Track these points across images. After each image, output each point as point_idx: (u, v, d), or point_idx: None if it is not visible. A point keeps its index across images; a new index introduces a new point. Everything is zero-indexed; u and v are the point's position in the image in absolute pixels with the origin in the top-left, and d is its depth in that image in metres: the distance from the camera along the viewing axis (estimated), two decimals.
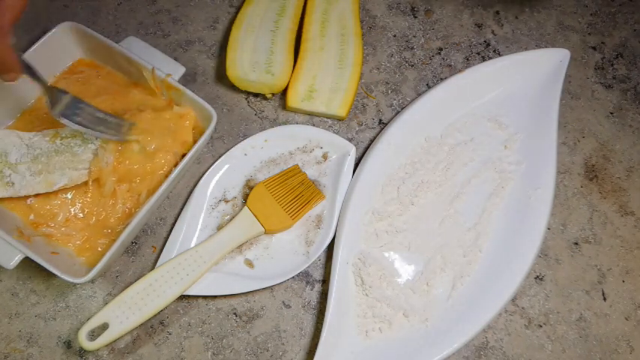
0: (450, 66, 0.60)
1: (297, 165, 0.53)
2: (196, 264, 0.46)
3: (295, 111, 0.56)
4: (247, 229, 0.48)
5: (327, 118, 0.56)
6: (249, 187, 0.52)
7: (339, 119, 0.56)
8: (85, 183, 0.48)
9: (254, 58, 0.55)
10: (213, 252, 0.47)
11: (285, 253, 0.50)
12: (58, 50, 0.52)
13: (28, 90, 0.51)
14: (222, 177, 0.52)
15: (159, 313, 0.45)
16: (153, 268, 0.48)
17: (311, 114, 0.56)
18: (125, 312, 0.43)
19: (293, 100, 0.54)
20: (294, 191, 0.51)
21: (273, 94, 0.57)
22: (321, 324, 0.46)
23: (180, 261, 0.46)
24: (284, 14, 0.58)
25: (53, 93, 0.45)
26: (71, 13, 0.60)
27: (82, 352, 0.46)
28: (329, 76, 0.55)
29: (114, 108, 0.51)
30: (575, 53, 0.62)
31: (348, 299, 0.47)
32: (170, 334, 0.47)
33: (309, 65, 0.56)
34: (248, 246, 0.50)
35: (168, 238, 0.49)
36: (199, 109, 0.50)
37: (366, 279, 0.48)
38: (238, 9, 0.61)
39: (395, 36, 0.61)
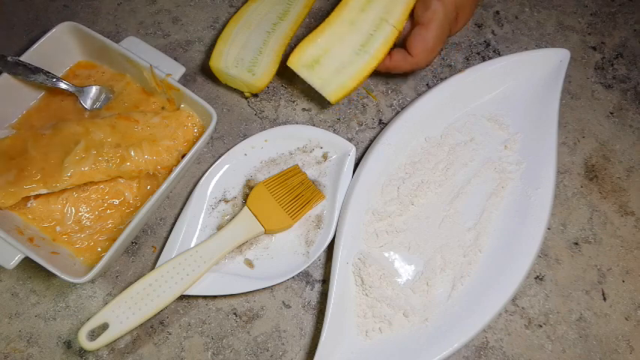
0: (450, 66, 0.60)
1: (297, 165, 0.53)
2: (196, 264, 0.46)
3: (293, 70, 0.51)
4: (247, 229, 0.48)
5: (316, 94, 0.51)
6: (249, 187, 0.52)
7: (328, 103, 0.52)
8: (86, 183, 0.48)
9: (241, 54, 0.54)
10: (213, 252, 0.47)
11: (285, 253, 0.50)
12: (58, 50, 0.52)
13: (29, 90, 0.51)
14: (222, 177, 0.52)
15: (159, 313, 0.45)
16: (153, 268, 0.48)
17: (304, 81, 0.51)
18: (125, 312, 0.43)
19: (295, 61, 0.50)
20: (294, 191, 0.51)
21: (251, 94, 0.56)
22: (321, 324, 0.46)
23: (180, 261, 0.46)
24: (285, 18, 0.57)
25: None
26: (71, 13, 0.60)
27: (82, 352, 0.46)
28: (341, 57, 0.50)
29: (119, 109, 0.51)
30: (575, 53, 0.62)
31: (348, 299, 0.47)
32: (170, 334, 0.47)
33: (329, 35, 0.50)
34: (248, 246, 0.50)
35: (168, 238, 0.49)
36: (199, 109, 0.50)
37: (366, 279, 0.48)
38: (238, 9, 0.61)
39: None
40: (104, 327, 0.43)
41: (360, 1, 0.51)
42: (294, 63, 0.50)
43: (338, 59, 0.50)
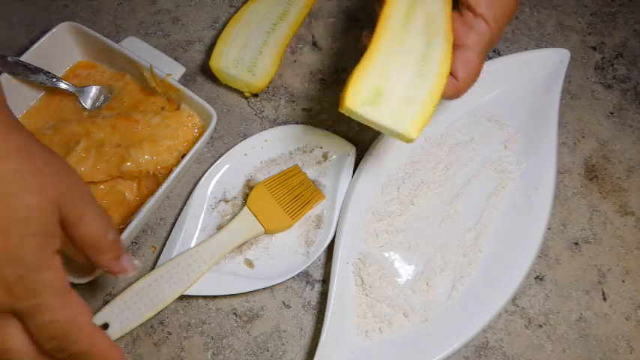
0: None
1: (297, 165, 0.53)
2: (196, 264, 0.46)
3: (350, 115, 0.39)
4: (247, 229, 0.48)
5: (389, 135, 0.40)
6: (249, 187, 0.52)
7: (406, 141, 0.39)
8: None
9: (241, 54, 0.55)
10: (213, 252, 0.47)
11: (285, 253, 0.50)
12: (58, 50, 0.52)
13: (29, 90, 0.51)
14: (222, 177, 0.52)
15: (159, 313, 0.45)
16: (153, 268, 0.48)
17: (368, 124, 0.39)
18: (125, 312, 0.43)
19: (353, 99, 0.38)
20: (294, 191, 0.51)
21: (251, 94, 0.57)
22: (321, 324, 0.46)
23: (180, 261, 0.46)
24: (285, 18, 0.58)
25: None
26: (71, 13, 0.60)
27: None
28: (405, 81, 0.40)
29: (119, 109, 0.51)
30: (575, 53, 0.62)
31: (348, 299, 0.47)
32: (170, 334, 0.47)
33: (383, 58, 0.40)
34: (248, 246, 0.50)
35: (168, 238, 0.49)
36: (199, 109, 0.50)
37: (366, 279, 0.48)
38: (238, 9, 0.61)
39: None
40: (104, 327, 0.43)
41: (399, 17, 0.42)
42: (353, 103, 0.38)
43: (402, 85, 0.40)
